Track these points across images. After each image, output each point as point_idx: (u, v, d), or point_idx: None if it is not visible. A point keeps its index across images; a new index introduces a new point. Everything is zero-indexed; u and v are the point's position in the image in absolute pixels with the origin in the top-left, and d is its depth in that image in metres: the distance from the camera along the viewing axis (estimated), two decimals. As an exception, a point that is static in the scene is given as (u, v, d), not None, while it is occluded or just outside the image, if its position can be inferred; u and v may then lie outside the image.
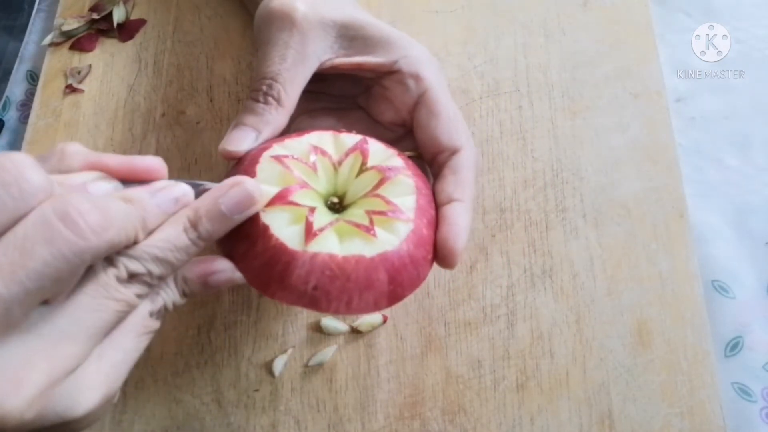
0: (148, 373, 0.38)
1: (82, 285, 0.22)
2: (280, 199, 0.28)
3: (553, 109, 0.43)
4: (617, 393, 0.36)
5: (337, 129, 0.32)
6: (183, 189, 0.26)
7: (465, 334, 0.38)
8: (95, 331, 0.22)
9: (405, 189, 0.30)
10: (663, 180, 0.41)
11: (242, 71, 0.46)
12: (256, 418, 0.36)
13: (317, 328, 0.38)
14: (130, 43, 0.48)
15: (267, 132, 0.31)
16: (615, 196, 0.41)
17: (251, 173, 0.29)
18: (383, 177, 0.30)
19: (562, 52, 0.45)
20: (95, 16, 0.48)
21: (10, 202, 0.20)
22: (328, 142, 0.31)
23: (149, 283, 0.24)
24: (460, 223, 0.30)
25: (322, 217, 0.28)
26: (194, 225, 0.25)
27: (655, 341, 0.37)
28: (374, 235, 0.27)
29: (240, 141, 0.30)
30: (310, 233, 0.27)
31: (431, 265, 0.30)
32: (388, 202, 0.29)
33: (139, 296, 0.24)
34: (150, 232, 0.24)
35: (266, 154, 0.29)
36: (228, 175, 0.29)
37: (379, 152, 0.31)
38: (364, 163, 0.30)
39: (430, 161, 0.34)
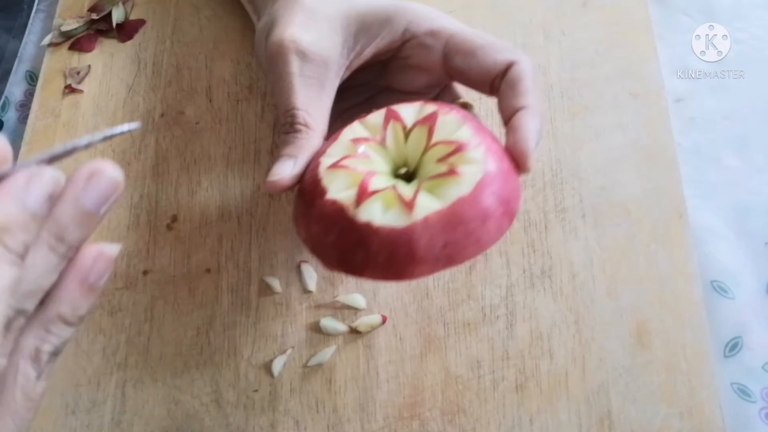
0: (147, 374, 0.38)
1: None
2: (364, 195, 0.28)
3: (552, 109, 0.43)
4: (616, 393, 0.36)
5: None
6: (51, 179, 0.21)
7: (464, 335, 0.38)
8: None
9: (454, 125, 0.29)
10: (662, 180, 0.41)
11: (241, 71, 0.46)
12: (255, 419, 0.36)
13: (316, 329, 0.38)
14: (129, 43, 0.48)
15: (303, 157, 0.31)
16: (614, 197, 0.41)
17: (318, 175, 0.29)
18: (430, 127, 0.29)
19: (562, 53, 0.45)
20: (94, 16, 0.48)
21: None
22: (409, 111, 0.31)
23: (21, 326, 0.21)
24: (526, 126, 0.29)
25: (404, 188, 0.28)
26: (61, 238, 0.21)
27: (654, 342, 0.37)
28: (459, 173, 0.27)
29: (279, 171, 0.31)
30: (406, 204, 0.27)
31: (496, 230, 0.29)
32: (451, 143, 0.28)
33: (6, 355, 0.20)
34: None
35: (322, 164, 0.30)
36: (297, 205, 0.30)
37: (410, 111, 0.31)
38: (404, 128, 0.30)
39: (489, 92, 0.33)
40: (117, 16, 0.48)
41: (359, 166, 0.29)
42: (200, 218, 0.42)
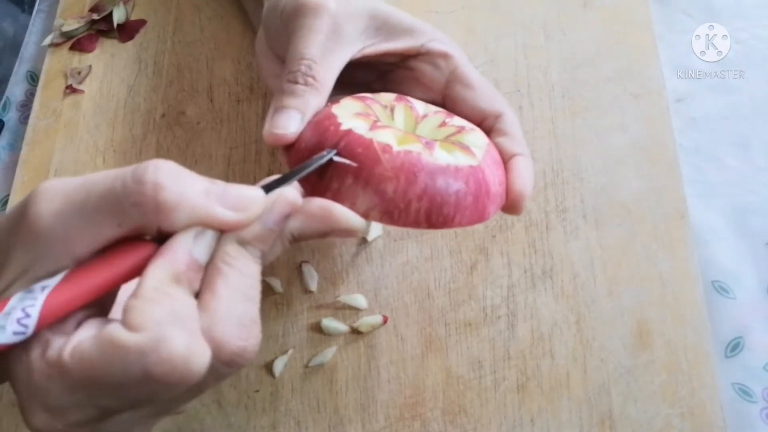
0: (148, 374, 0.38)
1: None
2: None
3: (553, 109, 0.43)
4: (618, 393, 0.36)
5: None
6: (290, 200, 0.25)
7: (465, 335, 0.38)
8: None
9: (479, 140, 0.31)
10: (663, 180, 0.41)
11: (242, 72, 0.46)
12: (256, 419, 0.36)
13: (317, 329, 0.38)
14: (130, 43, 0.48)
15: (310, 113, 0.30)
16: (615, 197, 0.41)
17: (331, 106, 0.30)
18: (460, 129, 0.31)
19: (563, 53, 0.45)
20: (95, 16, 0.48)
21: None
22: (417, 102, 0.33)
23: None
24: (526, 172, 0.32)
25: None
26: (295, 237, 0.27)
27: (655, 342, 0.37)
28: (430, 148, 0.28)
29: (287, 124, 0.29)
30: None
31: (497, 205, 0.30)
32: (460, 143, 0.30)
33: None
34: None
35: (347, 97, 0.31)
36: (306, 141, 0.29)
37: (460, 120, 0.32)
38: (445, 123, 0.32)
39: None
40: (118, 16, 0.48)
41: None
42: (201, 218, 0.42)
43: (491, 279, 0.39)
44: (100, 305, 0.23)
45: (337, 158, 0.27)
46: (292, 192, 0.25)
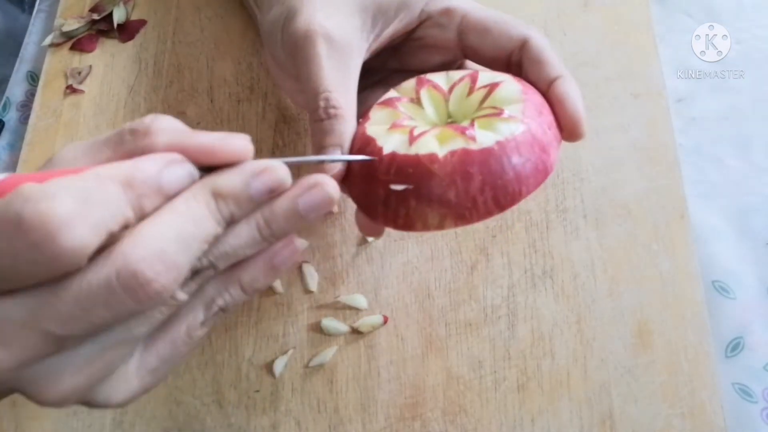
0: (148, 374, 0.38)
1: None
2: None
3: (553, 109, 0.43)
4: (618, 394, 0.36)
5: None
6: (278, 175, 0.24)
7: (466, 335, 0.38)
8: (137, 336, 0.22)
9: (512, 92, 0.30)
10: (664, 180, 0.41)
11: (242, 72, 0.46)
12: (256, 419, 0.36)
13: (317, 329, 0.38)
14: (130, 43, 0.48)
15: (347, 142, 0.31)
16: (616, 197, 0.41)
17: (363, 124, 0.30)
18: (490, 89, 0.30)
19: (563, 53, 0.45)
20: (95, 16, 0.48)
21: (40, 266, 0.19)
22: (439, 77, 0.32)
23: (209, 277, 0.23)
24: (570, 94, 0.30)
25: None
26: (269, 224, 0.24)
27: (655, 342, 0.37)
28: (472, 138, 0.27)
29: (332, 164, 0.30)
30: (412, 137, 0.28)
31: (555, 149, 0.30)
32: (495, 108, 0.29)
33: (192, 296, 0.23)
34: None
35: (375, 104, 0.31)
36: (358, 174, 0.29)
37: (486, 76, 0.31)
38: (472, 88, 0.31)
39: (505, 69, 0.33)
40: (118, 16, 0.48)
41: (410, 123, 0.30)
42: (201, 218, 0.42)
43: (491, 279, 0.39)
44: None
45: (394, 186, 0.27)
46: (285, 171, 0.24)
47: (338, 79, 0.31)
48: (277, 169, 0.23)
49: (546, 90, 0.31)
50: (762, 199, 0.42)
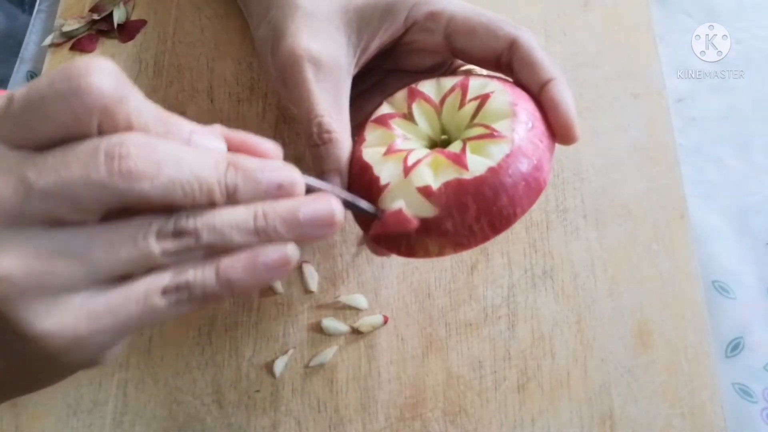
0: (148, 374, 0.38)
1: (118, 220, 0.21)
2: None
3: (553, 109, 0.43)
4: (618, 394, 0.36)
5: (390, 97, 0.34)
6: (293, 177, 0.23)
7: (466, 335, 0.38)
8: (97, 266, 0.21)
9: (502, 103, 0.30)
10: (664, 180, 0.41)
11: (242, 72, 0.46)
12: (256, 419, 0.36)
13: (318, 329, 0.38)
14: (130, 43, 0.48)
15: (345, 164, 0.31)
16: (616, 197, 0.41)
17: (360, 146, 0.31)
18: (481, 102, 0.30)
19: (563, 53, 0.45)
20: (96, 16, 0.48)
21: (67, 116, 0.20)
22: (429, 87, 0.32)
23: (188, 246, 0.22)
24: (562, 99, 0.30)
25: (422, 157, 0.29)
26: (265, 218, 0.23)
27: (655, 342, 0.37)
28: (464, 166, 0.28)
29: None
30: (407, 167, 0.29)
31: (549, 160, 0.30)
32: (485, 126, 0.29)
33: (166, 255, 0.21)
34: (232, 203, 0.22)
35: (368, 125, 0.32)
36: (354, 186, 0.31)
37: (476, 85, 0.31)
38: (463, 100, 0.31)
39: (495, 69, 0.33)
40: (118, 16, 0.48)
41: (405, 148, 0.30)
42: (202, 218, 0.42)
43: (492, 279, 0.39)
44: None
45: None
46: (298, 175, 0.24)
47: (329, 102, 0.32)
48: (292, 170, 0.23)
49: (538, 93, 0.30)
50: (762, 199, 0.42)
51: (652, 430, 0.35)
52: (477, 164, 0.27)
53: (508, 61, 0.32)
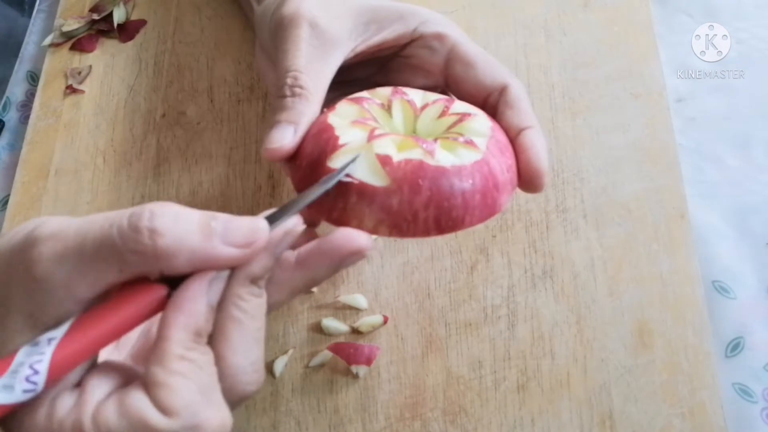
0: (148, 374, 0.38)
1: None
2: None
3: (553, 109, 0.43)
4: (618, 393, 0.36)
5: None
6: (298, 230, 0.25)
7: (466, 335, 0.38)
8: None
9: (481, 126, 0.30)
10: (664, 180, 0.41)
11: (242, 72, 0.46)
12: (256, 419, 0.36)
13: (318, 329, 0.38)
14: (130, 43, 0.48)
15: (304, 124, 0.30)
16: (616, 197, 0.41)
17: (327, 113, 0.29)
18: (461, 117, 0.30)
19: (563, 53, 0.45)
20: (95, 16, 0.48)
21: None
22: (415, 93, 0.32)
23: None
24: (537, 145, 0.30)
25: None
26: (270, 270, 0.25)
27: (656, 342, 0.37)
28: (431, 153, 0.27)
29: (281, 137, 0.29)
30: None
31: (509, 193, 0.30)
32: (460, 134, 0.29)
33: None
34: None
35: (342, 101, 0.30)
36: (307, 155, 0.29)
37: (460, 106, 0.31)
38: (445, 112, 0.31)
39: (482, 108, 0.34)
40: (118, 16, 0.48)
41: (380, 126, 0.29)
42: (201, 218, 0.42)
43: (491, 279, 0.39)
44: None
45: (342, 178, 0.26)
46: (299, 222, 0.25)
47: (313, 64, 0.31)
48: (296, 226, 0.25)
49: (514, 137, 0.31)
50: (762, 199, 0.41)
51: (652, 430, 0.35)
52: (444, 157, 0.27)
53: (494, 104, 0.32)
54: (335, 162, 0.27)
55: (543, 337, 0.37)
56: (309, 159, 0.28)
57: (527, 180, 0.30)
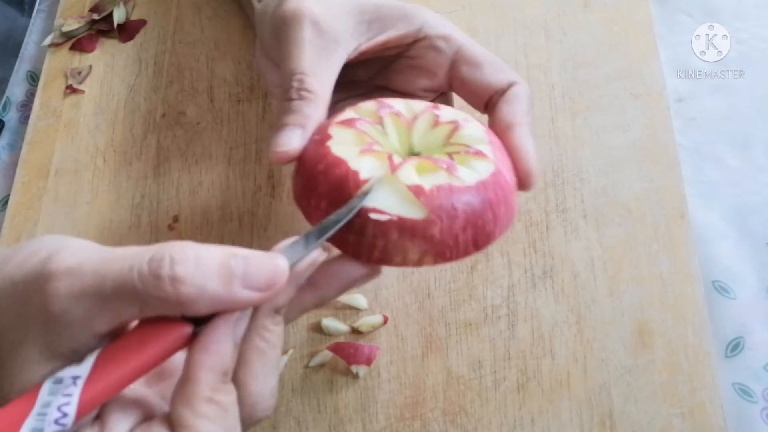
0: (148, 374, 0.38)
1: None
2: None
3: (553, 109, 0.43)
4: (618, 393, 0.36)
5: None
6: (319, 261, 0.25)
7: (466, 335, 0.38)
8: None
9: (477, 131, 0.30)
10: (664, 180, 0.41)
11: (242, 72, 0.46)
12: (256, 419, 0.36)
13: (318, 329, 0.38)
14: (130, 43, 0.48)
15: (311, 126, 0.30)
16: (616, 197, 0.41)
17: (325, 143, 0.28)
18: (455, 126, 0.30)
19: (563, 53, 0.45)
20: (95, 16, 0.48)
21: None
22: (399, 104, 0.31)
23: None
24: (526, 144, 0.30)
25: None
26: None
27: (656, 342, 0.37)
28: (455, 174, 0.27)
29: (289, 140, 0.29)
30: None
31: (517, 194, 0.30)
32: (466, 146, 0.29)
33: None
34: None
35: (333, 122, 0.29)
36: (302, 162, 0.29)
37: (448, 112, 0.31)
38: (437, 121, 0.30)
39: (483, 108, 0.34)
40: (118, 16, 0.48)
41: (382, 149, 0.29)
42: (202, 219, 0.42)
43: (491, 279, 0.39)
44: None
45: (376, 216, 0.25)
46: (322, 254, 0.25)
47: (317, 65, 0.31)
48: (317, 259, 0.25)
49: (502, 131, 0.31)
50: (762, 199, 0.41)
51: (652, 430, 0.35)
52: (467, 175, 0.27)
53: (496, 102, 0.32)
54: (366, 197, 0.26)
55: (543, 337, 0.37)
56: (328, 194, 0.27)
57: (518, 179, 0.30)
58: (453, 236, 0.26)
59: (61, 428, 0.20)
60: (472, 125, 0.30)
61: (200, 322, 0.22)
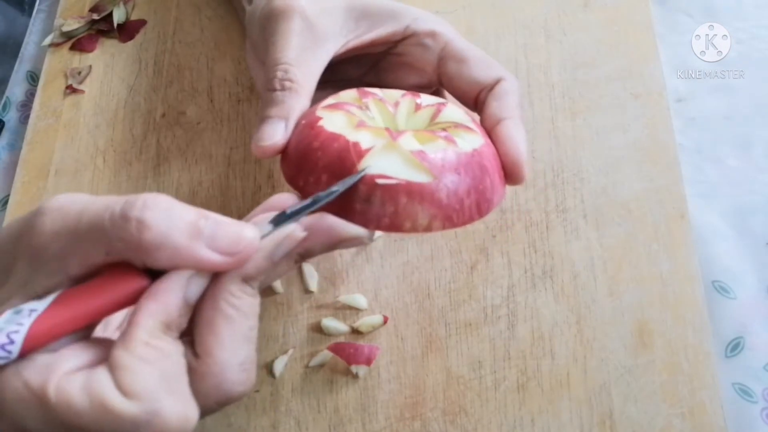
0: (148, 374, 0.38)
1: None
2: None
3: (553, 109, 0.43)
4: (618, 393, 0.36)
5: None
6: (299, 236, 0.25)
7: (465, 335, 0.38)
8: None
9: (460, 115, 0.30)
10: (664, 180, 0.41)
11: (242, 72, 0.46)
12: (256, 419, 0.36)
13: (317, 329, 0.38)
14: (130, 43, 0.48)
15: (293, 118, 0.30)
16: (616, 197, 0.41)
17: (316, 124, 0.28)
18: (437, 108, 0.31)
19: (563, 53, 0.45)
20: (95, 16, 0.48)
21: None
22: (379, 91, 0.32)
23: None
24: (515, 136, 0.30)
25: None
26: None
27: (655, 342, 0.37)
28: (454, 142, 0.28)
29: (272, 134, 0.29)
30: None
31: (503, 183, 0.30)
32: (453, 122, 0.30)
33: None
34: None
35: (319, 107, 0.29)
36: (292, 146, 0.29)
37: (428, 98, 0.32)
38: (418, 106, 0.31)
39: (473, 105, 0.34)
40: (118, 16, 0.48)
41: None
42: (201, 218, 0.42)
43: (491, 279, 0.39)
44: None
45: (384, 181, 0.26)
46: (299, 228, 0.25)
47: (303, 57, 0.31)
48: (296, 233, 0.25)
49: (492, 127, 0.31)
50: (762, 199, 0.41)
51: (652, 430, 0.35)
52: (463, 144, 0.28)
53: (485, 98, 0.32)
54: (369, 164, 0.26)
55: (543, 337, 0.37)
56: (326, 163, 0.27)
57: (507, 172, 0.30)
58: (459, 200, 0.27)
59: (5, 354, 0.20)
60: (454, 107, 0.31)
61: None
